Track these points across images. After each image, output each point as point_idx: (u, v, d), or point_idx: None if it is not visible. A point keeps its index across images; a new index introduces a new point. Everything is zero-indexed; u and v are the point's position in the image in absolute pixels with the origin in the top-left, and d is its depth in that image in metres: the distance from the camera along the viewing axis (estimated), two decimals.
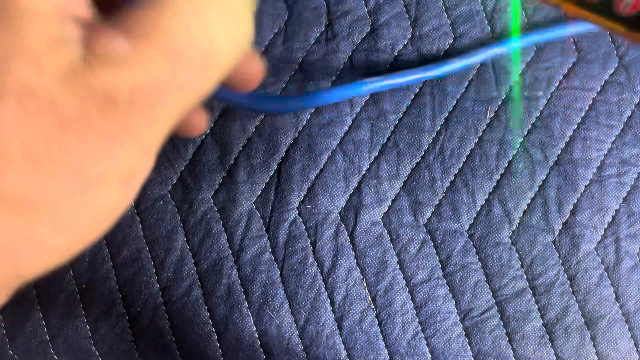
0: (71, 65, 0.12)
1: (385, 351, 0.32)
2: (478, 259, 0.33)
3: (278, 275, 0.33)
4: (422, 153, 0.34)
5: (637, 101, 0.35)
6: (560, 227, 0.33)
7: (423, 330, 0.32)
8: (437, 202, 0.34)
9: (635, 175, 0.34)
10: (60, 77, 0.12)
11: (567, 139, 0.34)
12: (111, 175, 0.13)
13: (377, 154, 0.34)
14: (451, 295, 0.33)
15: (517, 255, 0.33)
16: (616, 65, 0.35)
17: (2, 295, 0.13)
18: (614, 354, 0.32)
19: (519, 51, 0.35)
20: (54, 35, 0.12)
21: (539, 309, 0.33)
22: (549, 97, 0.35)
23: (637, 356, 0.32)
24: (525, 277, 0.33)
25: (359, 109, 0.34)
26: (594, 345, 0.32)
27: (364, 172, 0.34)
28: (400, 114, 0.34)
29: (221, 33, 0.13)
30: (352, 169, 0.34)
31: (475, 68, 0.35)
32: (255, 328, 0.32)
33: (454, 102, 0.34)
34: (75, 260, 0.33)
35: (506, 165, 0.34)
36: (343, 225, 0.33)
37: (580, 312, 0.32)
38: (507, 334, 0.32)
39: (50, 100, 0.12)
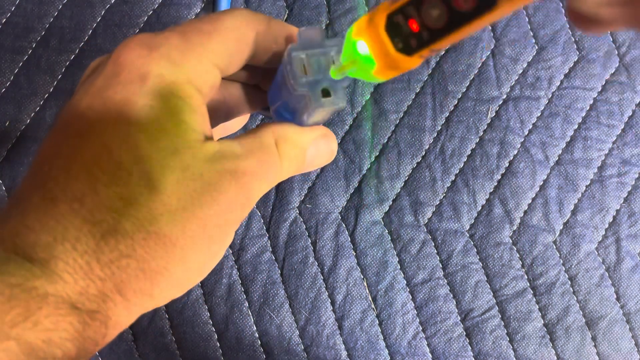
0: (213, 154, 0.18)
1: (386, 351, 0.32)
2: (479, 259, 0.33)
3: (278, 274, 0.33)
4: (423, 153, 0.34)
5: (637, 101, 0.35)
6: (561, 227, 0.33)
7: (424, 330, 0.32)
8: (438, 202, 0.33)
9: (636, 175, 0.34)
10: (206, 160, 0.18)
11: (567, 138, 0.34)
12: (234, 226, 0.19)
13: (377, 153, 0.34)
14: (452, 296, 0.33)
15: (518, 255, 0.33)
16: (617, 64, 0.35)
17: (138, 312, 0.17)
18: (614, 354, 0.32)
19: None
20: (201, 138, 0.18)
21: (539, 309, 0.32)
22: (550, 96, 0.34)
23: (638, 356, 0.32)
24: (526, 277, 0.33)
25: (359, 108, 0.34)
26: (595, 346, 0.32)
27: (364, 172, 0.34)
28: (401, 114, 0.34)
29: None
30: (352, 169, 0.34)
31: (477, 67, 0.35)
32: (255, 328, 0.32)
33: (455, 101, 0.34)
34: None
35: (507, 165, 0.34)
36: (343, 225, 0.33)
37: (581, 312, 0.32)
38: (507, 334, 0.32)
39: (200, 172, 0.17)
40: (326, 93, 0.19)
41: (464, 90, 0.34)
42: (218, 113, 0.22)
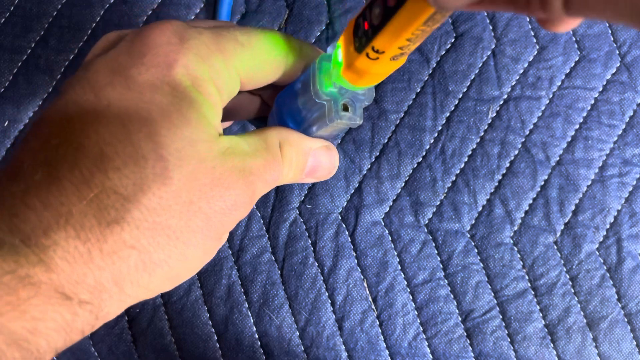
0: (225, 150, 0.18)
1: (386, 352, 0.32)
2: (479, 260, 0.33)
3: (278, 275, 0.33)
4: (424, 153, 0.34)
5: (639, 101, 0.34)
6: (562, 228, 0.33)
7: (424, 331, 0.32)
8: (438, 202, 0.33)
9: (637, 175, 0.34)
10: (220, 154, 0.17)
11: (568, 138, 0.34)
12: (232, 225, 0.18)
13: (378, 153, 0.34)
14: (452, 296, 0.33)
15: (519, 255, 0.33)
16: (618, 64, 0.35)
17: (129, 303, 0.17)
18: (615, 355, 0.32)
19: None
20: (216, 133, 0.18)
21: (540, 309, 0.32)
22: (550, 96, 0.34)
23: (639, 357, 0.32)
24: (526, 277, 0.33)
25: None
26: (596, 347, 0.32)
27: (364, 172, 0.34)
28: (402, 114, 0.34)
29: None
30: (352, 169, 0.34)
31: (477, 67, 0.34)
32: (255, 329, 0.32)
33: (456, 101, 0.34)
34: None
35: (508, 165, 0.34)
36: (344, 226, 0.33)
37: (582, 313, 0.32)
38: (508, 335, 0.32)
39: (213, 166, 0.17)
40: (345, 108, 0.19)
41: (465, 90, 0.34)
42: None
